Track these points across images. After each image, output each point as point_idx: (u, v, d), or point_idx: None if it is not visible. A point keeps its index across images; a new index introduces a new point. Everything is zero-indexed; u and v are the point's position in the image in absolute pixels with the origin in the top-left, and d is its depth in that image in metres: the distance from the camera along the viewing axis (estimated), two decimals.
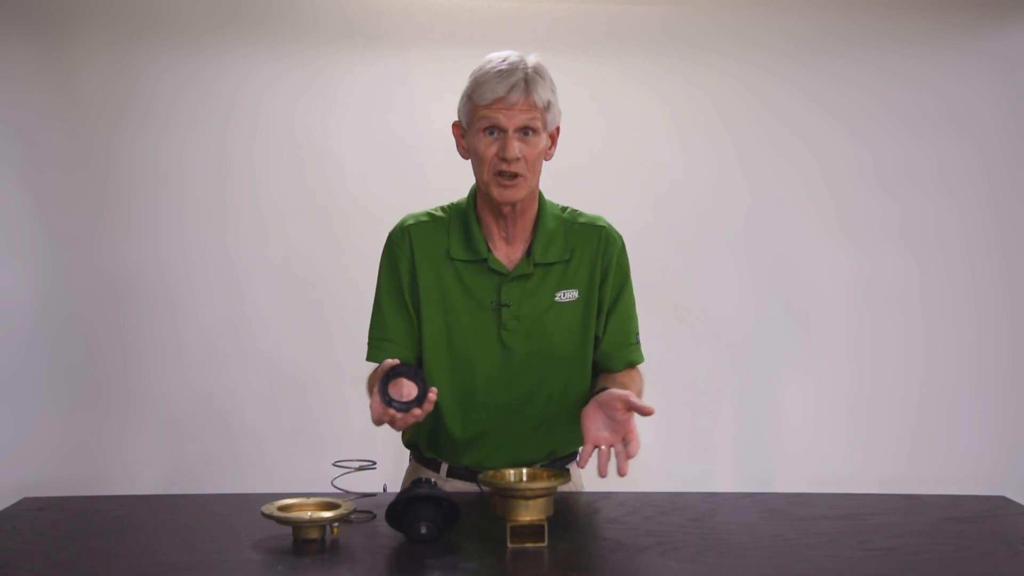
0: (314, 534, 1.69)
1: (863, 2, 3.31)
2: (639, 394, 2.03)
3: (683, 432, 3.34)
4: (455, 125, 2.00)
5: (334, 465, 1.87)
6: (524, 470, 1.80)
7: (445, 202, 2.11)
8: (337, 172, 3.26)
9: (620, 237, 2.08)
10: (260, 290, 3.25)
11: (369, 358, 2.07)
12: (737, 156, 3.33)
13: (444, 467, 2.07)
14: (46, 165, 3.19)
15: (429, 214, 2.07)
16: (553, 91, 1.96)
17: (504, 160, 1.90)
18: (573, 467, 2.13)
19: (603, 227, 2.06)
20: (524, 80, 1.90)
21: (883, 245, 3.35)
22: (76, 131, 3.18)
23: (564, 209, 2.08)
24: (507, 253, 2.02)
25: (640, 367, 2.12)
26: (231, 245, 3.25)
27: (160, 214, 3.23)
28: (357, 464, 1.85)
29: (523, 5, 3.26)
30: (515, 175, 1.91)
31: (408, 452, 2.18)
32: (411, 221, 2.06)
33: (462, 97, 1.97)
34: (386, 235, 2.13)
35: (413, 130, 3.26)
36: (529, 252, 2.01)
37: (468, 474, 2.03)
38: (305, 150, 3.26)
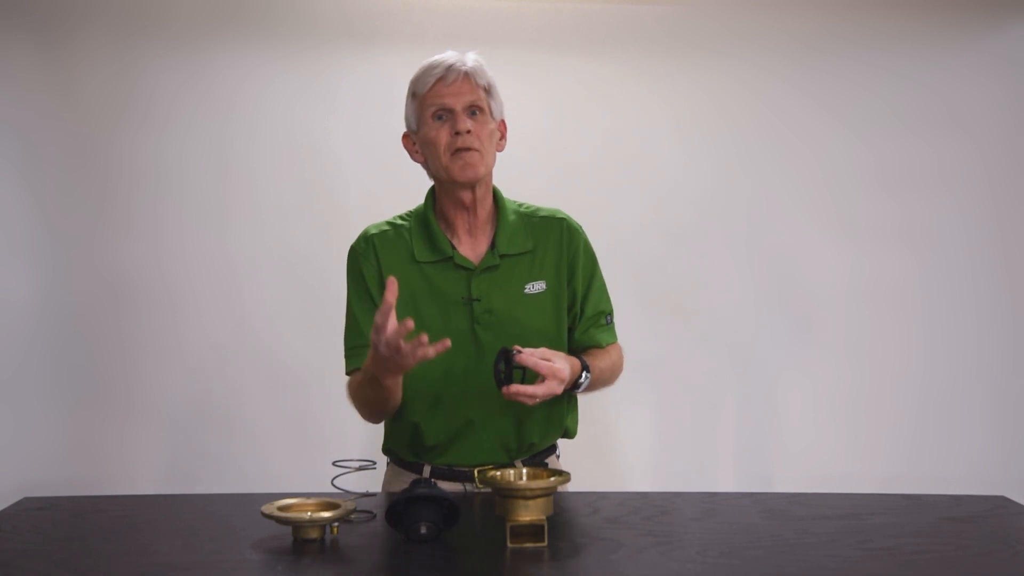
0: (314, 534, 1.69)
1: (863, 2, 3.31)
2: (609, 367, 2.07)
3: (683, 432, 3.34)
4: (404, 136, 2.07)
5: (334, 465, 1.87)
6: (524, 470, 1.80)
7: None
8: (337, 172, 3.26)
9: (580, 227, 2.12)
10: (260, 290, 3.25)
11: (349, 368, 2.08)
12: (737, 156, 3.33)
13: (427, 468, 2.07)
14: (46, 165, 3.18)
15: (389, 223, 2.11)
16: (493, 81, 2.02)
17: (457, 134, 1.95)
18: (552, 461, 2.15)
19: (563, 219, 2.11)
20: (461, 63, 1.98)
21: (883, 245, 3.34)
22: (76, 131, 3.18)
23: (520, 204, 2.12)
24: (472, 247, 2.05)
25: (621, 348, 2.16)
26: (231, 245, 3.25)
27: (160, 214, 3.22)
28: (357, 464, 1.85)
29: (523, 5, 3.26)
30: (471, 148, 1.95)
31: (386, 459, 2.18)
32: (374, 231, 2.10)
33: (406, 103, 2.04)
34: None
35: None
36: (493, 244, 2.03)
37: (451, 474, 2.04)
38: (305, 150, 3.25)
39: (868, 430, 3.33)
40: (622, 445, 3.20)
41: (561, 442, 2.18)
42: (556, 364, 1.86)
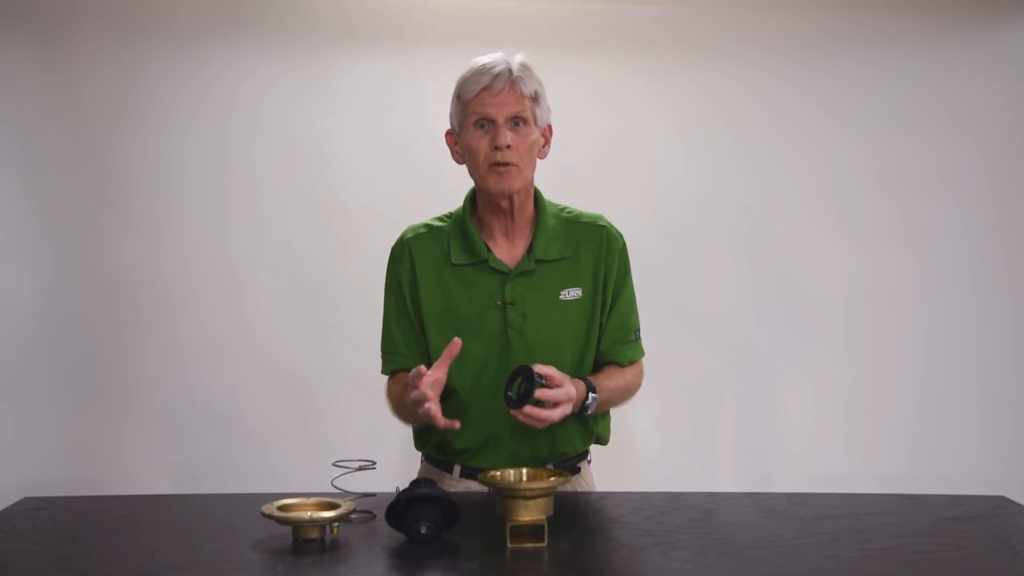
0: (314, 534, 1.69)
1: (863, 2, 3.31)
2: (620, 387, 2.06)
3: (683, 432, 3.34)
4: (448, 134, 2.05)
5: (334, 465, 1.87)
6: (524, 470, 1.80)
7: (445, 202, 2.13)
8: (337, 172, 3.26)
9: (621, 236, 2.10)
10: (260, 290, 3.25)
11: (383, 371, 2.11)
12: (737, 156, 3.33)
13: (457, 468, 2.07)
14: (46, 165, 3.18)
15: (428, 225, 2.10)
16: (541, 86, 2.00)
17: (496, 149, 1.93)
18: (584, 466, 2.14)
19: (604, 226, 2.08)
20: (509, 71, 1.95)
21: (883, 245, 3.34)
22: (76, 131, 3.18)
23: (563, 208, 2.10)
24: (508, 251, 2.03)
25: (642, 362, 2.14)
26: (231, 245, 3.25)
27: (160, 214, 3.22)
28: (357, 464, 1.85)
29: (523, 5, 3.26)
30: (508, 164, 1.93)
31: (419, 455, 2.18)
32: (410, 234, 2.09)
33: (451, 103, 2.01)
34: (386, 234, 2.15)
35: (413, 130, 3.26)
36: (530, 249, 2.02)
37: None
38: (305, 150, 3.25)
39: (868, 430, 3.33)
40: (622, 445, 3.19)
41: (593, 448, 2.17)
42: (567, 389, 1.84)
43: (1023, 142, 3.36)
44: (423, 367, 1.83)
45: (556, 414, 1.83)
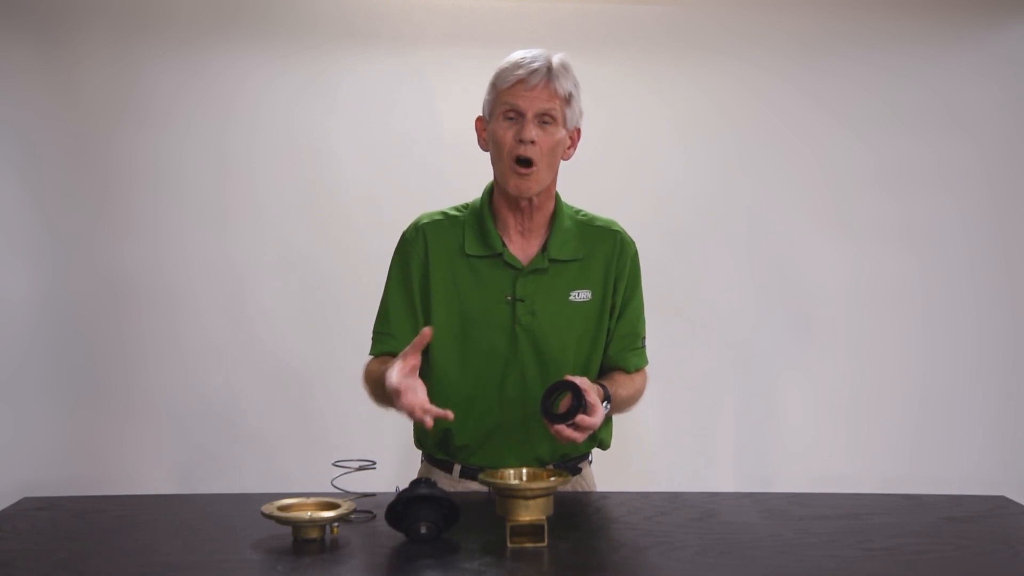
0: (314, 534, 1.69)
1: (863, 2, 3.31)
2: (630, 396, 2.07)
3: (683, 432, 3.34)
4: (478, 119, 2.04)
5: (334, 465, 1.87)
6: (524, 470, 1.80)
7: (444, 203, 2.12)
8: (337, 172, 3.26)
9: (633, 243, 2.11)
10: (260, 290, 3.25)
11: (372, 351, 2.09)
12: (737, 156, 3.33)
13: (457, 468, 2.07)
14: (46, 165, 3.18)
15: (444, 213, 2.09)
16: (576, 88, 2.00)
17: (521, 143, 1.92)
18: (585, 466, 2.14)
19: (618, 232, 2.10)
20: (547, 68, 1.95)
21: (883, 245, 3.35)
22: (76, 131, 3.18)
23: (578, 211, 2.11)
24: (523, 247, 2.04)
25: (647, 375, 2.15)
26: (231, 245, 3.25)
27: (160, 214, 3.22)
28: (357, 464, 1.85)
29: (523, 5, 3.26)
30: (530, 162, 1.93)
31: (420, 453, 2.17)
32: (425, 220, 2.08)
33: (487, 89, 2.00)
34: (386, 234, 2.14)
35: (413, 130, 3.26)
36: (545, 248, 2.02)
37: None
38: (305, 150, 3.25)
39: (868, 430, 3.33)
40: (623, 445, 3.19)
41: (593, 450, 2.17)
42: (600, 417, 1.83)
43: (1023, 142, 3.36)
44: (401, 392, 1.78)
45: (583, 439, 1.82)
